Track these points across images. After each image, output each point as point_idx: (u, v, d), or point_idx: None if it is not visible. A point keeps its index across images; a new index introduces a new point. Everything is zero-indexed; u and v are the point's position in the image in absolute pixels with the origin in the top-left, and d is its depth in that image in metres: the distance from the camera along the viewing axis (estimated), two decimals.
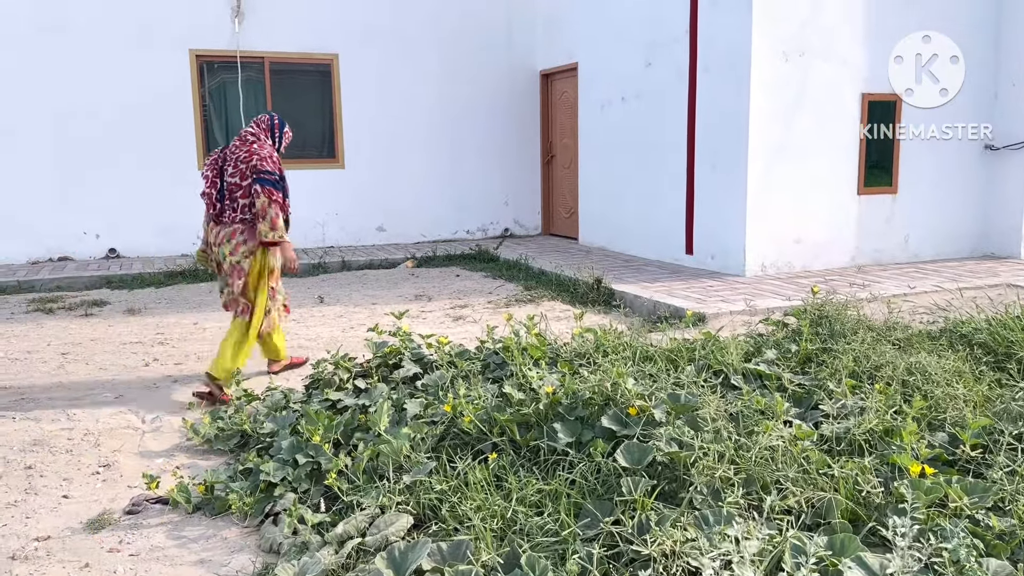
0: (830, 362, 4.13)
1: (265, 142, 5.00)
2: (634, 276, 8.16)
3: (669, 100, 8.82)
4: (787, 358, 4.28)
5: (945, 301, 6.63)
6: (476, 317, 6.95)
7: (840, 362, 4.05)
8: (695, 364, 4.12)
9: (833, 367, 4.04)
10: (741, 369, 4.04)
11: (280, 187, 4.91)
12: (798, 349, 4.33)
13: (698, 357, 4.24)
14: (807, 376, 4.02)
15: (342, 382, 4.60)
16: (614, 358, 4.12)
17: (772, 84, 7.83)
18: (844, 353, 4.12)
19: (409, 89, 11.31)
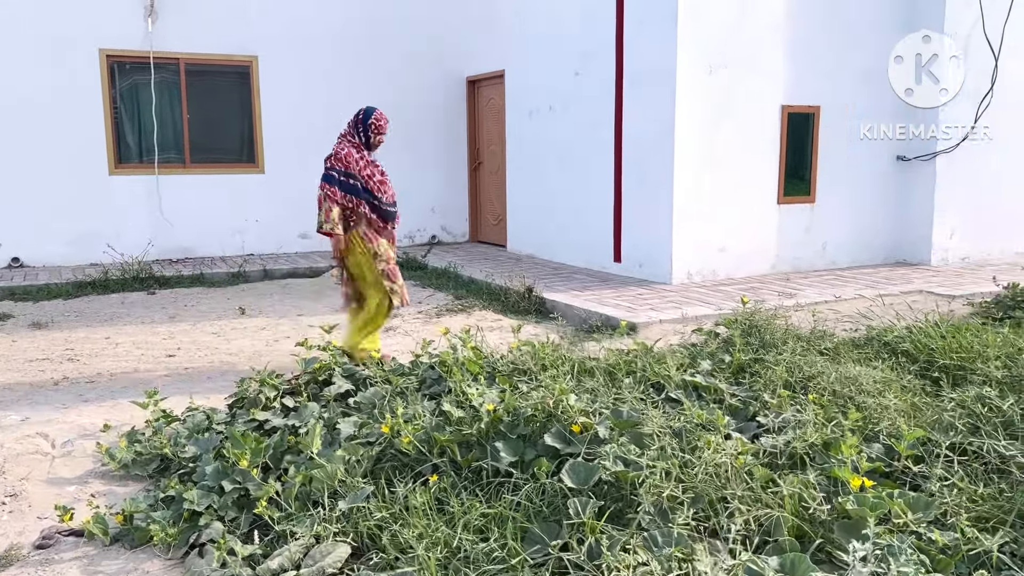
0: (763, 373, 4.18)
1: (344, 141, 5.28)
2: (564, 284, 8.15)
3: (597, 110, 8.86)
4: (721, 369, 4.31)
5: (866, 308, 6.84)
6: (407, 328, 6.81)
7: (773, 373, 4.10)
8: (633, 377, 4.10)
9: (767, 378, 4.08)
10: (678, 381, 4.03)
11: (334, 181, 5.14)
12: (731, 360, 4.36)
13: (636, 370, 4.23)
14: (742, 387, 4.05)
15: (269, 401, 4.41)
16: (553, 372, 4.06)
17: (697, 96, 7.94)
18: (777, 364, 4.17)
19: (333, 93, 11.06)
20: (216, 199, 10.67)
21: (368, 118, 5.31)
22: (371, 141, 5.33)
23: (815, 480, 2.83)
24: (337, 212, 5.13)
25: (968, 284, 7.87)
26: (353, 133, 5.30)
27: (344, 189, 5.17)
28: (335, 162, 5.18)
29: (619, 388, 3.93)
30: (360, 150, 5.26)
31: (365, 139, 5.30)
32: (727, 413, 3.65)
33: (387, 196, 5.33)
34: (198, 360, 6.00)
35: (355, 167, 5.18)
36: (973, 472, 2.86)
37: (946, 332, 4.93)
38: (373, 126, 5.30)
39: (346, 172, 5.17)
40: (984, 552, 2.31)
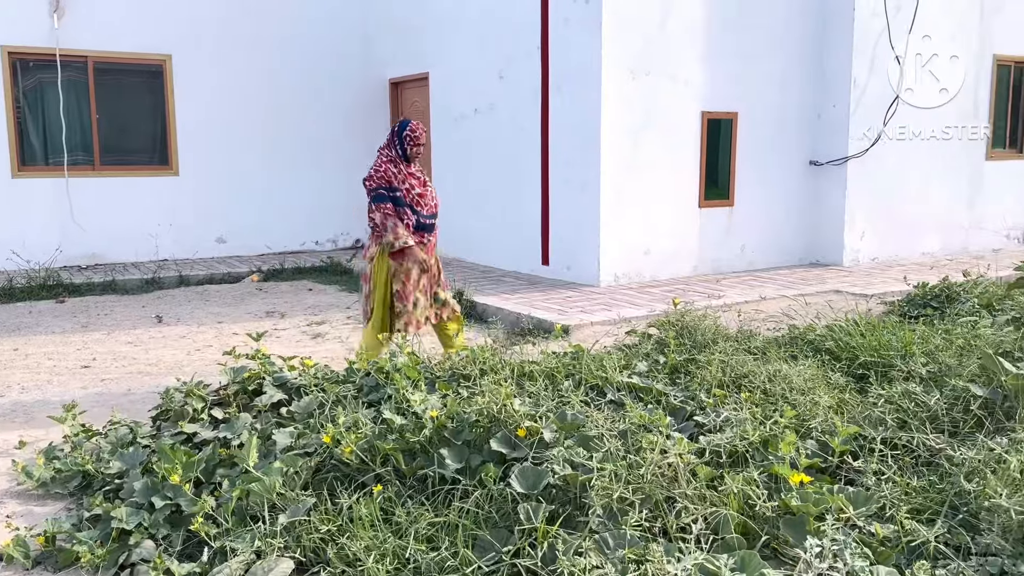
0: (697, 372, 4.26)
1: (381, 156, 5.25)
2: (494, 287, 8.15)
3: (523, 114, 8.90)
4: (657, 370, 4.37)
5: (787, 308, 7.07)
6: (336, 334, 6.68)
7: (707, 373, 4.18)
8: (573, 380, 4.12)
9: (701, 377, 4.17)
10: (617, 383, 4.07)
11: (386, 198, 5.15)
12: (666, 361, 4.43)
13: (575, 372, 4.25)
14: (678, 387, 4.11)
15: (196, 413, 4.24)
16: (494, 377, 4.04)
17: (621, 101, 8.06)
18: (710, 364, 4.26)
19: (250, 94, 10.79)
20: (128, 202, 10.25)
21: (403, 130, 5.25)
22: (408, 153, 5.24)
23: (757, 477, 2.90)
24: (403, 227, 5.15)
25: (879, 284, 8.23)
26: (390, 146, 5.27)
27: (390, 203, 5.18)
28: (377, 180, 5.17)
29: (560, 391, 3.94)
30: (397, 164, 5.22)
31: (402, 152, 5.24)
32: (667, 414, 3.70)
33: (426, 208, 5.30)
34: (115, 371, 5.74)
35: (395, 181, 5.17)
36: (905, 466, 2.98)
37: (865, 330, 5.13)
38: (408, 139, 5.23)
39: (389, 187, 5.16)
40: (922, 543, 2.41)
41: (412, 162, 5.30)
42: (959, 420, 3.32)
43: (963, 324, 5.01)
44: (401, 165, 5.24)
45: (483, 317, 7.30)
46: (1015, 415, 3.16)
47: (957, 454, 2.84)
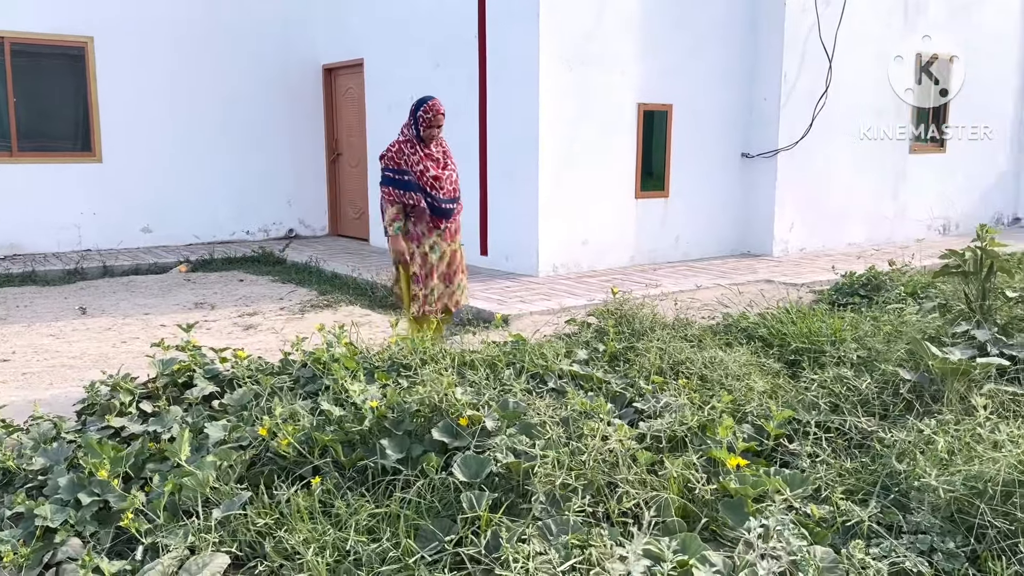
0: (636, 360, 4.29)
1: (401, 133, 5.19)
2: None
3: (460, 104, 8.82)
4: (597, 358, 4.39)
5: (721, 296, 7.20)
6: (269, 325, 6.53)
7: (645, 360, 4.22)
8: (514, 368, 4.10)
9: (640, 365, 4.20)
10: (558, 371, 4.07)
11: (388, 180, 5.11)
12: (605, 349, 4.45)
13: (516, 361, 4.23)
14: (618, 374, 4.14)
15: (124, 406, 4.08)
16: (434, 367, 4.00)
17: (559, 92, 8.08)
18: (648, 351, 4.30)
19: (177, 78, 10.45)
20: (48, 190, 9.83)
21: (418, 109, 5.12)
22: (421, 134, 5.10)
23: (696, 461, 2.93)
24: (394, 212, 5.08)
25: (808, 273, 8.44)
26: (408, 125, 5.17)
27: (399, 187, 5.06)
28: (386, 161, 5.09)
29: (502, 380, 3.92)
30: (413, 144, 5.09)
31: (416, 132, 5.10)
32: (608, 400, 3.72)
33: (443, 192, 5.15)
34: (36, 365, 5.50)
35: (407, 162, 5.04)
36: (838, 448, 3.05)
37: (796, 318, 5.26)
38: (422, 119, 5.10)
39: (398, 169, 5.06)
40: (857, 523, 2.47)
41: (426, 144, 5.14)
42: (889, 403, 3.42)
43: (890, 311, 5.16)
44: (418, 146, 5.11)
45: None
46: (942, 398, 3.27)
47: (888, 436, 2.92)
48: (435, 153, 5.17)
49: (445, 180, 5.17)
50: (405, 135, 5.14)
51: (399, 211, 5.13)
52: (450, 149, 5.43)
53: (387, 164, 5.11)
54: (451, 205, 5.23)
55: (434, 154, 5.16)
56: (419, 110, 5.08)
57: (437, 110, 5.08)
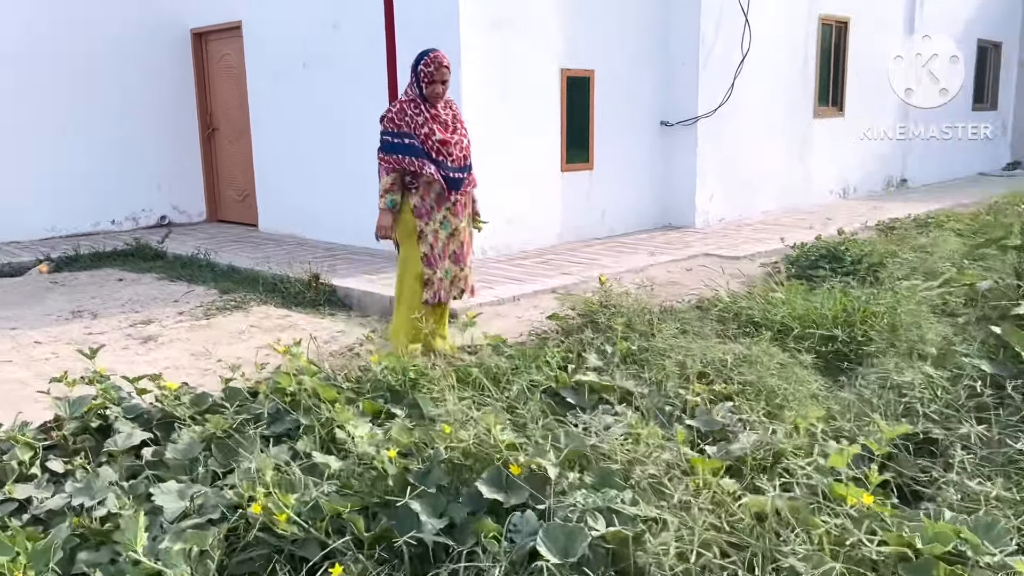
0: (652, 361, 3.71)
1: (403, 95, 4.52)
2: (349, 268, 7.20)
3: (365, 68, 7.91)
4: (607, 362, 3.77)
5: (671, 274, 6.75)
6: (172, 335, 5.50)
7: (666, 362, 3.64)
8: (519, 382, 3.42)
9: (659, 367, 3.62)
10: (575, 383, 3.43)
11: (385, 145, 4.45)
12: (614, 350, 3.84)
13: (519, 372, 3.55)
14: (643, 382, 3.53)
15: (24, 467, 3.11)
16: (431, 389, 3.26)
17: (482, 56, 7.34)
18: (665, 352, 3.72)
19: (18, 48, 8.89)
20: None
21: (418, 63, 4.39)
22: (424, 92, 4.39)
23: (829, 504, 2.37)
24: (389, 180, 4.44)
25: (742, 244, 8.15)
26: (410, 85, 4.46)
27: (399, 151, 4.41)
28: (386, 123, 4.45)
29: (511, 399, 3.24)
30: (418, 105, 4.40)
31: (419, 90, 4.41)
32: (647, 418, 3.11)
33: (452, 159, 4.42)
34: None
35: (409, 124, 4.38)
36: (975, 469, 2.56)
37: (784, 297, 4.84)
38: (423, 74, 4.37)
39: (398, 132, 4.40)
40: None
41: (431, 102, 4.42)
42: (977, 405, 2.99)
43: (893, 289, 4.81)
44: (423, 106, 4.39)
45: (347, 304, 6.38)
46: None
47: None
48: (443, 115, 4.48)
49: (454, 146, 4.47)
50: (409, 95, 4.46)
51: (395, 180, 4.46)
52: (461, 113, 4.70)
53: (386, 127, 4.44)
54: (461, 174, 4.54)
55: (441, 115, 4.47)
56: (419, 64, 4.39)
57: (440, 62, 4.36)
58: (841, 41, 11.20)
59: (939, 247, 6.25)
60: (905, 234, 7.54)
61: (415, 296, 4.55)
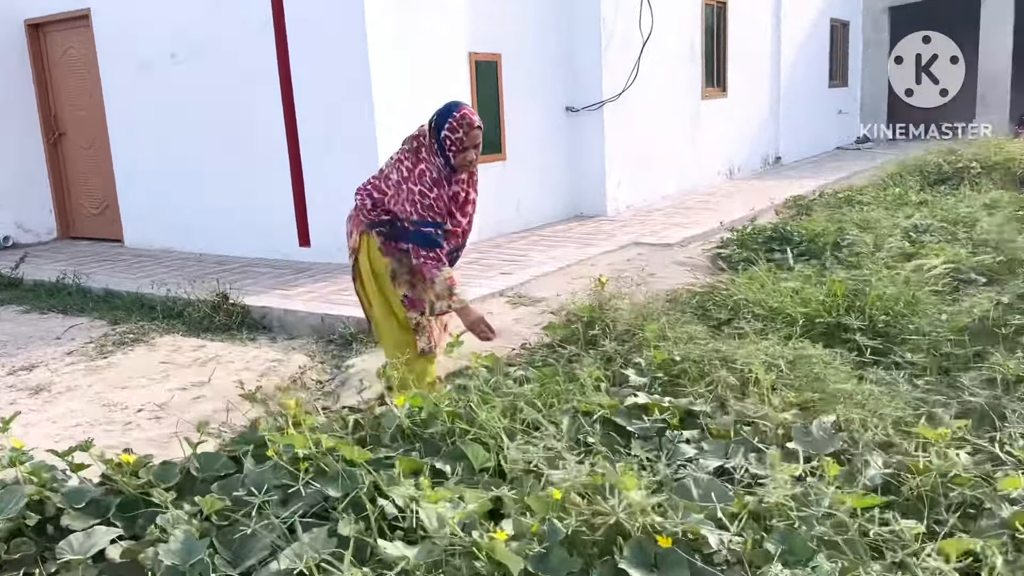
0: (691, 371, 3.29)
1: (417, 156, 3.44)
2: (255, 283, 6.34)
3: (250, 58, 7.02)
4: (641, 376, 3.30)
5: (612, 267, 6.39)
6: (69, 382, 4.53)
7: (707, 371, 3.23)
8: (562, 410, 2.90)
9: (705, 378, 3.20)
10: (626, 407, 2.95)
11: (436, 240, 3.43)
12: (648, 363, 3.38)
13: (549, 397, 3.03)
14: (693, 398, 3.09)
15: None
16: (470, 432, 2.68)
17: (390, 37, 6.66)
18: (701, 360, 3.29)
19: None
20: None
21: (441, 126, 3.37)
22: (453, 162, 3.40)
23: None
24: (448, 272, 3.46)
25: (663, 231, 7.91)
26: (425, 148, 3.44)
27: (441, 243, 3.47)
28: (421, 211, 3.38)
29: (560, 430, 2.72)
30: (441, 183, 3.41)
31: (445, 159, 3.40)
32: (727, 449, 2.67)
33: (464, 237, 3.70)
34: None
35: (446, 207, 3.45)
36: None
37: (764, 285, 4.57)
38: (448, 140, 3.36)
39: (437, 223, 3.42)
40: None
41: (465, 170, 3.53)
42: None
43: (885, 268, 4.63)
44: (451, 180, 3.47)
45: (266, 326, 5.57)
46: None
47: None
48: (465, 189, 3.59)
49: (467, 223, 3.70)
50: (429, 163, 3.41)
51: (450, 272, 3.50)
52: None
53: (423, 216, 3.40)
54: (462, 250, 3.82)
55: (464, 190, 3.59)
56: (443, 128, 3.38)
57: (471, 123, 3.40)
58: (722, 22, 11.26)
59: (880, 223, 6.22)
60: (830, 210, 7.53)
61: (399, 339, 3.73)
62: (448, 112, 3.42)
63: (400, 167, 3.49)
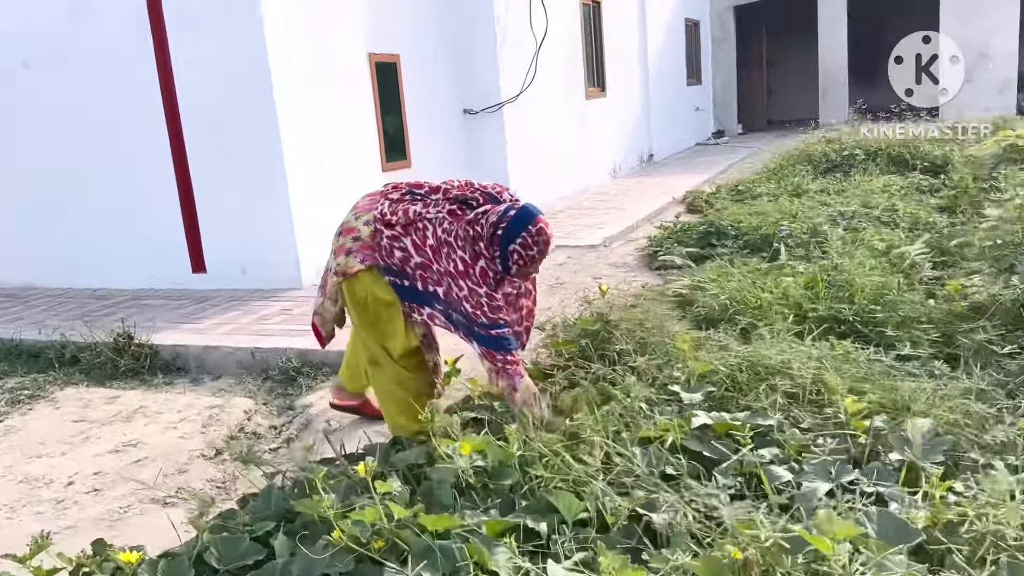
0: (738, 380, 3.04)
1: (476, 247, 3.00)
2: (154, 320, 5.54)
3: (124, 66, 6.20)
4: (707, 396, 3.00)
5: (551, 273, 6.12)
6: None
7: (752, 379, 3.01)
8: (632, 442, 2.57)
9: (755, 389, 2.96)
10: (692, 430, 2.66)
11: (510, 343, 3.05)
12: (688, 376, 3.08)
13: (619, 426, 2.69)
14: (743, 413, 2.83)
15: None
16: (552, 474, 2.30)
17: (289, 38, 6.06)
18: (761, 370, 3.05)
19: None
20: None
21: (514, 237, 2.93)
22: (513, 271, 3.03)
23: None
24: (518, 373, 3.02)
25: (579, 233, 7.71)
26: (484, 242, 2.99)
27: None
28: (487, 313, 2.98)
29: (642, 467, 2.40)
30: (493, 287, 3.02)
31: (505, 265, 3.00)
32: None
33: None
34: None
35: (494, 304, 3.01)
36: None
37: (739, 282, 4.44)
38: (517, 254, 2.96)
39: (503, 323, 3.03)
40: None
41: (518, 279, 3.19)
42: None
43: (848, 259, 4.57)
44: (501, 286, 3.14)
45: (183, 368, 4.87)
46: None
47: None
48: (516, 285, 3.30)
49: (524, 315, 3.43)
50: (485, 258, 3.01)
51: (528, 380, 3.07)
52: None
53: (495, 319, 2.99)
54: None
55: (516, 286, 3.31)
56: (516, 239, 2.94)
57: (547, 241, 3.00)
58: (598, 22, 11.27)
59: (808, 215, 6.28)
60: (737, 203, 7.59)
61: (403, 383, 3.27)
62: (523, 224, 2.95)
63: (451, 254, 3.01)
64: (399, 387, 3.29)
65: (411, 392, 3.27)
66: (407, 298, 3.18)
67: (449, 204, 3.14)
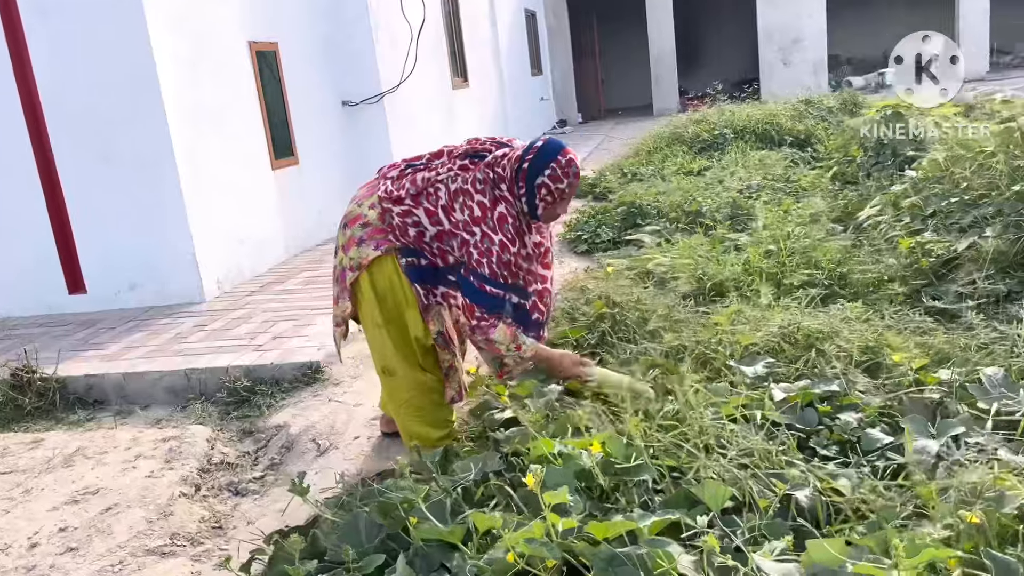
0: (787, 351, 2.99)
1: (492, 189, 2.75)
2: (51, 348, 4.78)
3: None
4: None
5: None
6: None
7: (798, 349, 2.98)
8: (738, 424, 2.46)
9: (802, 358, 2.93)
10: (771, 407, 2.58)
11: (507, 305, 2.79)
12: (732, 352, 3.00)
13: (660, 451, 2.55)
14: (803, 382, 2.80)
15: None
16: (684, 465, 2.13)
17: (170, 28, 5.44)
18: (789, 337, 3.02)
19: None
20: None
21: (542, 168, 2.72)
22: (539, 213, 2.78)
23: None
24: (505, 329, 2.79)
25: None
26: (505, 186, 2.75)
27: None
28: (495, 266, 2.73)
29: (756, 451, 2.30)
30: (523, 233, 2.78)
31: (531, 208, 2.76)
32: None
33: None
34: None
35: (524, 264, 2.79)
36: None
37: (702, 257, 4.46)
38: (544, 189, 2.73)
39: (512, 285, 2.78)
40: None
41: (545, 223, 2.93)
42: None
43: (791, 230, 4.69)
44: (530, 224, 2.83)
45: (100, 400, 4.25)
46: None
47: None
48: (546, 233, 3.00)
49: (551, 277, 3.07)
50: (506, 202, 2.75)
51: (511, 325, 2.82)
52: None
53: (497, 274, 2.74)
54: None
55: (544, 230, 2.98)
56: (544, 171, 2.71)
57: (577, 172, 2.78)
58: (456, 10, 11.08)
59: (712, 188, 6.45)
60: (631, 183, 7.69)
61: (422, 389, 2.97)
62: (552, 153, 2.75)
63: (467, 201, 2.75)
64: (417, 392, 3.00)
65: (427, 397, 3.00)
66: (423, 279, 2.89)
67: (460, 161, 2.88)
